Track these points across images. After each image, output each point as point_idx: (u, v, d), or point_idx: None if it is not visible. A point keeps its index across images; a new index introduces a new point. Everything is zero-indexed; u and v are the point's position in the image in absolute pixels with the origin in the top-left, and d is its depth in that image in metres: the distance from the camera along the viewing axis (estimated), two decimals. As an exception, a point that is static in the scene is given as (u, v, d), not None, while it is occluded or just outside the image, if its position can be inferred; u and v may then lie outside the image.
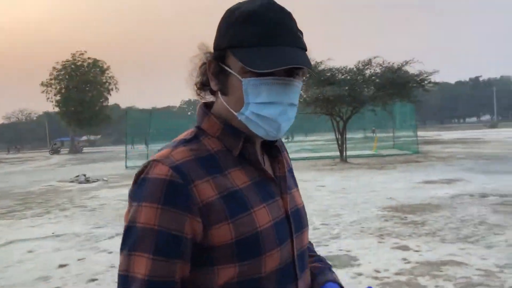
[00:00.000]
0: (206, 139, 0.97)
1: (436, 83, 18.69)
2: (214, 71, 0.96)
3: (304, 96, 17.93)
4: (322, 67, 18.34)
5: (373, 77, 18.49)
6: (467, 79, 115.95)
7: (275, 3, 0.93)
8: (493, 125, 62.80)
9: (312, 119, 22.88)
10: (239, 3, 0.95)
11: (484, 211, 7.46)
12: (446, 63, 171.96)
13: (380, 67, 18.41)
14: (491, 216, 7.10)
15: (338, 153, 19.89)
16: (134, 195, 0.89)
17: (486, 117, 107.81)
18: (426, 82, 18.04)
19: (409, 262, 5.00)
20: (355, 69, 18.42)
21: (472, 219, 6.96)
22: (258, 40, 0.88)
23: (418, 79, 17.91)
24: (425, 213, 7.60)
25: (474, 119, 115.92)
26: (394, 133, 27.50)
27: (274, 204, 0.97)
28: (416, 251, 5.43)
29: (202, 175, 0.89)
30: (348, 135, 22.59)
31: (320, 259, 1.18)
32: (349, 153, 20.64)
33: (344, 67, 18.56)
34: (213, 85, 0.97)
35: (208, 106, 1.03)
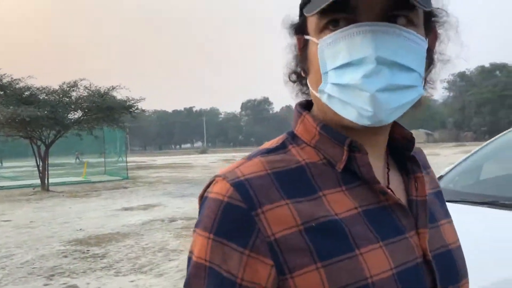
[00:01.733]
0: (297, 147, 0.70)
1: (143, 110, 19.15)
2: (301, 49, 0.70)
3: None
4: (21, 84, 16.46)
5: (79, 100, 17.60)
6: (182, 109, 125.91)
7: None
8: (203, 151, 69.40)
9: (10, 142, 20.21)
10: None
11: (168, 237, 7.63)
12: (163, 92, 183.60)
13: (88, 90, 17.71)
14: (172, 241, 7.28)
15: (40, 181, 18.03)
16: (197, 219, 0.67)
17: (199, 144, 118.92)
18: (133, 108, 18.25)
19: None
20: (59, 90, 17.18)
21: (154, 246, 6.98)
22: None
23: (125, 105, 17.96)
24: (111, 243, 7.27)
25: (188, 145, 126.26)
26: (105, 158, 26.94)
27: (402, 243, 0.65)
28: (84, 290, 4.97)
29: (277, 197, 0.62)
30: (57, 161, 20.88)
31: None
32: (55, 180, 19.00)
33: (46, 87, 17.09)
34: (302, 68, 0.71)
35: (307, 105, 0.74)
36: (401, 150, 0.74)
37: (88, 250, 6.85)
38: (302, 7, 0.68)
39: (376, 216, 0.65)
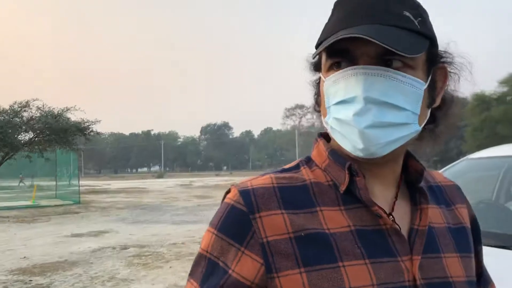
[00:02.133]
0: (308, 169, 0.78)
1: (98, 133, 18.71)
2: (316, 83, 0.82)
3: None
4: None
5: (31, 121, 17.00)
6: (140, 132, 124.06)
7: None
8: (160, 175, 68.34)
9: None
10: None
11: (119, 265, 7.34)
12: (121, 115, 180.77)
13: (40, 111, 17.15)
14: (123, 270, 7.01)
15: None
16: None
17: (156, 168, 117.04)
18: (88, 130, 17.80)
19: None
20: (9, 110, 16.55)
21: (103, 275, 6.68)
22: (334, 26, 0.70)
23: (80, 127, 17.50)
24: (57, 272, 6.90)
25: (145, 169, 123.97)
26: (56, 182, 25.96)
27: (390, 264, 0.70)
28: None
29: (275, 207, 0.71)
30: (4, 184, 19.88)
31: None
32: (1, 204, 18.10)
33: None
34: (314, 100, 0.83)
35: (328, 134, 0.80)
36: (414, 182, 0.79)
37: (30, 280, 6.48)
38: (316, 45, 0.74)
39: (369, 236, 0.71)
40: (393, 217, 0.74)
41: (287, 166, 0.81)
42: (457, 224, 0.83)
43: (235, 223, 0.72)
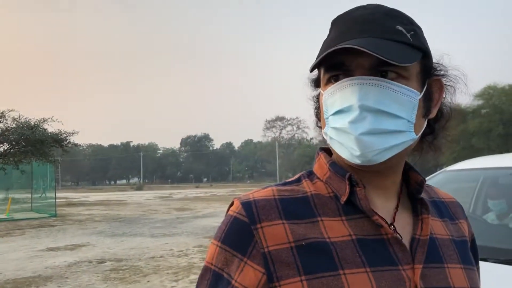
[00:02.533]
0: (309, 182, 0.80)
1: (76, 144, 18.41)
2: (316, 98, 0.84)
3: None
4: None
5: (6, 132, 16.64)
6: (119, 143, 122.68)
7: (371, 4, 0.75)
8: (139, 188, 67.33)
9: None
10: None
11: (95, 280, 7.17)
12: (100, 126, 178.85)
13: (16, 122, 16.82)
14: (99, 284, 6.85)
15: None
16: None
17: (135, 180, 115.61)
18: (66, 142, 17.51)
19: None
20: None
21: (78, 290, 6.52)
22: (330, 42, 0.72)
23: (57, 138, 17.20)
24: (30, 288, 6.71)
25: (124, 181, 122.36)
26: (32, 194, 25.39)
27: (392, 273, 0.70)
28: None
29: (276, 217, 0.73)
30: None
31: None
32: (-27, 217, 17.57)
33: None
34: (315, 114, 0.86)
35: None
36: (415, 194, 0.80)
37: (3, 296, 6.27)
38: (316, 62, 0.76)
39: (370, 246, 0.72)
40: (394, 226, 0.76)
41: (288, 180, 0.83)
42: (461, 237, 0.85)
43: (238, 234, 0.74)
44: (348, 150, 0.72)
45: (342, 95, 0.71)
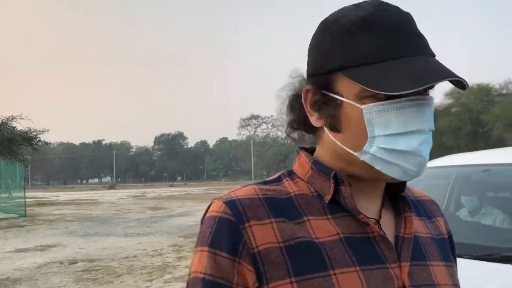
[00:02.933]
0: (290, 181, 0.78)
1: (46, 142, 17.99)
2: (315, 102, 0.75)
3: None
4: None
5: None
6: (91, 141, 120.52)
7: (387, 3, 0.71)
8: (111, 186, 66.36)
9: None
10: (339, 12, 0.73)
11: (66, 281, 7.01)
12: (71, 124, 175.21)
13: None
14: (71, 286, 6.71)
15: None
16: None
17: (107, 178, 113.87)
18: (35, 140, 17.08)
19: None
20: None
21: (49, 292, 6.36)
22: (378, 53, 0.67)
23: (26, 137, 16.76)
24: (-2, 291, 6.51)
25: (96, 180, 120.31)
26: (0, 194, 24.67)
27: (380, 271, 0.70)
28: None
29: (263, 216, 0.70)
30: None
31: None
32: None
33: None
34: (315, 120, 0.76)
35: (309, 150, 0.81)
36: (396, 192, 0.80)
37: (-31, 300, 6.07)
38: (340, 67, 0.70)
39: (358, 244, 0.71)
40: (380, 224, 0.75)
41: (269, 179, 0.79)
42: (439, 235, 0.85)
43: (226, 235, 0.69)
44: (402, 169, 0.69)
45: (402, 117, 0.67)
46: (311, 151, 0.82)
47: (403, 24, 0.69)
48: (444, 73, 0.64)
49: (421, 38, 0.70)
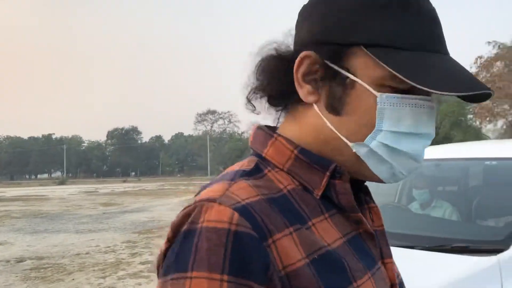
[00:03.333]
0: (273, 172, 0.63)
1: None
2: (312, 73, 0.62)
3: None
4: None
5: None
6: (40, 135, 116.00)
7: None
8: (62, 182, 64.19)
9: None
10: None
11: (13, 280, 6.73)
12: (19, 117, 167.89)
13: None
14: (19, 285, 6.45)
15: None
16: (173, 262, 0.53)
17: (58, 174, 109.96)
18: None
19: None
20: None
21: (-6, 292, 6.08)
22: (415, 39, 0.59)
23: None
24: None
25: (46, 175, 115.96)
26: None
27: (380, 272, 0.64)
28: None
29: (281, 226, 0.56)
30: None
31: None
32: None
33: None
34: (305, 93, 0.63)
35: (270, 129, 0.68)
36: (357, 181, 0.69)
37: None
38: (367, 42, 0.60)
39: (357, 245, 0.64)
40: (365, 221, 0.67)
41: (243, 167, 0.63)
42: (382, 225, 0.77)
43: (250, 256, 0.52)
44: (393, 171, 0.62)
45: (416, 116, 0.60)
46: (272, 129, 0.69)
47: (436, 16, 0.62)
48: (481, 83, 0.59)
49: (442, 34, 0.63)
